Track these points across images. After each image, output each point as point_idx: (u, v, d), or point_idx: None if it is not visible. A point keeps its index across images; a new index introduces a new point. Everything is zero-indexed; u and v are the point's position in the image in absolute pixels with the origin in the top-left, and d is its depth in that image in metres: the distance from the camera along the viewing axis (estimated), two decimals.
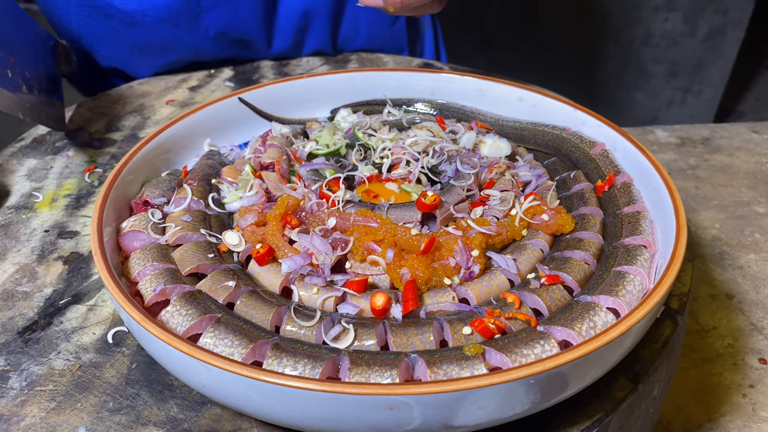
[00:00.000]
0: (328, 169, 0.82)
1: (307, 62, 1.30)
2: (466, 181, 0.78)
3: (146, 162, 0.83)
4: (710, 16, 2.45)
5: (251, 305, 0.63)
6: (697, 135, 1.53)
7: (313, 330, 0.61)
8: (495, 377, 0.51)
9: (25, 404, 0.64)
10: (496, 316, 0.61)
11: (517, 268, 0.68)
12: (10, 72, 0.89)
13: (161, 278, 0.66)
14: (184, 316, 0.61)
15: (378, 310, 0.63)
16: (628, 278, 0.65)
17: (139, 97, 1.18)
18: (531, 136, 0.91)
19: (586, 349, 0.53)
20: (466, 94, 0.98)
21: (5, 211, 0.90)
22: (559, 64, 2.61)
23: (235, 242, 0.71)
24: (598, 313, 0.61)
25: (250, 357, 0.58)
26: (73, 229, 0.86)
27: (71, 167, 0.99)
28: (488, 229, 0.71)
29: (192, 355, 0.54)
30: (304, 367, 0.55)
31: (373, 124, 0.92)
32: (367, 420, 0.53)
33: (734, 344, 1.02)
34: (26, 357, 0.69)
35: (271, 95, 0.98)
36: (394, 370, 0.55)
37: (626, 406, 0.64)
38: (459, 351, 0.57)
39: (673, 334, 0.70)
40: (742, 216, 1.25)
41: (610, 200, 0.78)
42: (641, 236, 0.70)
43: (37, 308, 0.75)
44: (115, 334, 0.71)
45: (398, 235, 0.69)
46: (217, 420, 0.62)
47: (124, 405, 0.64)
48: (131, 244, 0.72)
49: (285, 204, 0.72)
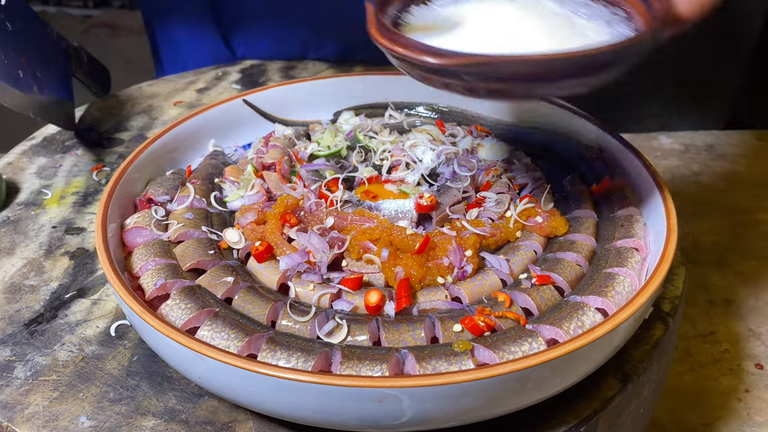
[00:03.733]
0: (328, 170, 0.83)
1: (313, 66, 1.32)
2: (462, 183, 0.79)
3: (151, 161, 0.85)
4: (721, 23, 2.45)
5: (248, 300, 0.65)
6: (701, 142, 1.53)
7: (308, 325, 0.63)
8: (481, 372, 0.52)
9: (29, 393, 0.66)
10: (487, 315, 0.62)
11: (509, 269, 0.70)
12: (22, 72, 0.91)
13: (162, 273, 0.68)
14: (183, 310, 0.63)
15: (372, 307, 0.65)
16: (617, 279, 0.66)
17: (148, 98, 1.20)
18: (529, 139, 0.93)
19: (572, 347, 0.54)
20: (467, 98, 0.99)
21: (15, 207, 0.92)
22: None
23: (235, 239, 0.73)
24: (586, 312, 0.62)
25: (246, 350, 0.60)
26: (79, 226, 0.89)
27: (80, 166, 1.01)
28: (482, 230, 0.72)
29: (189, 346, 0.56)
30: (297, 360, 0.57)
31: (374, 126, 0.93)
32: (357, 412, 0.54)
33: (731, 349, 1.02)
34: (31, 348, 0.71)
35: (276, 97, 1.00)
36: (384, 364, 0.57)
37: (615, 406, 0.65)
38: (448, 347, 0.59)
39: (663, 335, 0.71)
40: (744, 223, 1.26)
41: (604, 203, 0.79)
42: (633, 239, 0.72)
43: (43, 301, 0.77)
44: (118, 328, 0.73)
45: (394, 234, 0.70)
46: (214, 412, 0.64)
47: (124, 396, 0.66)
48: (134, 240, 0.74)
49: (284, 203, 0.74)
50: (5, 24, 0.90)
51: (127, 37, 3.84)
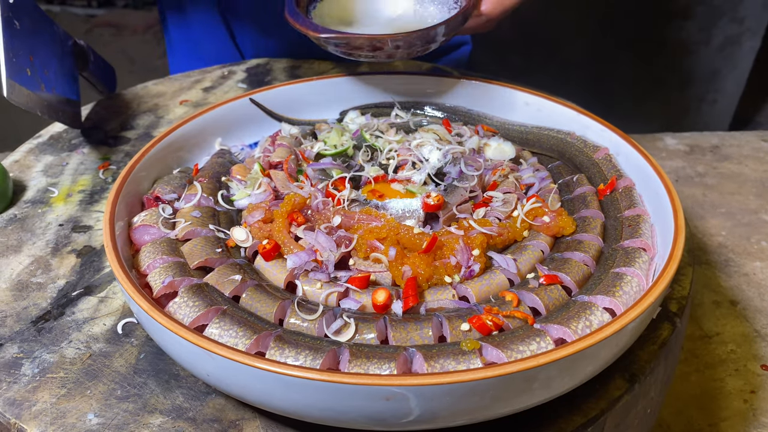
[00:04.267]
0: (335, 169, 0.83)
1: (319, 65, 1.32)
2: (469, 183, 0.79)
3: (158, 159, 0.85)
4: (726, 25, 2.45)
5: (256, 298, 0.65)
6: (706, 143, 1.53)
7: (316, 323, 0.63)
8: (489, 371, 0.52)
9: (37, 390, 0.66)
10: (494, 314, 0.62)
11: (517, 268, 0.70)
12: (30, 71, 0.91)
13: (170, 271, 0.68)
14: (191, 308, 0.63)
15: (379, 305, 0.65)
16: (625, 279, 0.66)
17: (154, 97, 1.20)
18: (535, 139, 0.93)
19: (580, 346, 0.54)
20: (473, 97, 0.99)
21: (22, 205, 0.93)
22: (572, 70, 2.62)
23: (242, 238, 0.73)
24: (594, 312, 0.62)
25: (254, 348, 0.60)
26: (86, 224, 0.89)
27: (86, 164, 1.02)
28: (489, 230, 0.72)
29: (197, 344, 0.56)
30: (305, 358, 0.57)
31: (380, 126, 0.93)
32: (365, 410, 0.54)
33: (737, 350, 1.02)
34: (39, 345, 0.71)
35: (282, 96, 1.00)
36: (393, 362, 0.57)
37: (622, 406, 0.65)
38: (456, 346, 0.59)
39: (670, 335, 0.71)
40: (749, 224, 1.26)
41: (611, 203, 0.79)
42: (641, 239, 0.71)
43: (51, 299, 0.77)
44: (125, 325, 0.73)
45: (401, 233, 0.70)
46: (221, 410, 0.64)
47: (131, 393, 0.66)
48: (142, 238, 0.74)
49: (292, 202, 0.74)
50: (13, 22, 0.90)
51: (131, 36, 3.85)
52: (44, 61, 0.97)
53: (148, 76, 1.40)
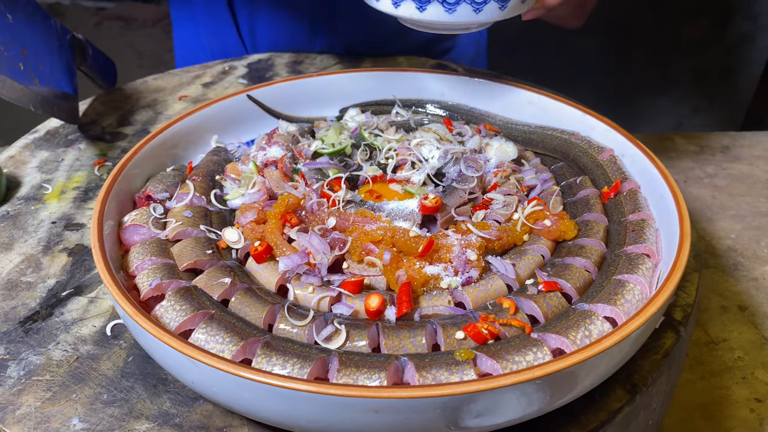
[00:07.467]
0: (332, 168, 0.81)
1: (321, 61, 1.30)
2: (468, 184, 0.77)
3: (152, 157, 0.83)
4: (739, 22, 2.41)
5: (245, 302, 0.63)
6: (716, 143, 1.50)
7: (306, 329, 0.61)
8: (482, 384, 0.50)
9: (22, 393, 0.64)
10: (490, 322, 0.60)
11: (515, 274, 0.68)
12: (23, 65, 0.90)
13: (158, 273, 0.66)
14: (178, 312, 0.61)
15: (372, 311, 0.63)
16: (627, 287, 0.64)
17: (153, 92, 1.19)
18: (539, 139, 0.90)
19: (578, 358, 0.52)
20: (476, 96, 0.97)
21: (15, 201, 0.91)
22: (581, 68, 2.58)
23: (234, 239, 0.72)
24: (594, 321, 0.60)
25: (241, 354, 0.58)
26: (79, 222, 0.87)
27: (82, 160, 1.00)
28: (488, 234, 0.70)
29: (181, 351, 0.54)
30: (293, 367, 0.55)
31: (380, 124, 0.91)
32: (354, 422, 0.52)
33: (744, 357, 1.00)
34: (26, 347, 0.70)
35: (281, 93, 0.98)
36: (383, 372, 0.55)
37: (622, 417, 0.63)
38: (450, 356, 0.57)
39: (674, 345, 0.69)
40: (759, 227, 1.23)
41: (615, 207, 0.77)
42: (644, 245, 0.69)
43: (40, 299, 0.75)
44: (114, 327, 0.72)
45: (396, 236, 0.68)
46: (209, 416, 0.62)
47: (118, 397, 0.64)
48: (132, 238, 0.73)
49: (285, 202, 0.72)
50: (5, 15, 0.88)
51: (140, 29, 3.83)
52: (39, 55, 0.95)
53: (157, 70, 1.38)
